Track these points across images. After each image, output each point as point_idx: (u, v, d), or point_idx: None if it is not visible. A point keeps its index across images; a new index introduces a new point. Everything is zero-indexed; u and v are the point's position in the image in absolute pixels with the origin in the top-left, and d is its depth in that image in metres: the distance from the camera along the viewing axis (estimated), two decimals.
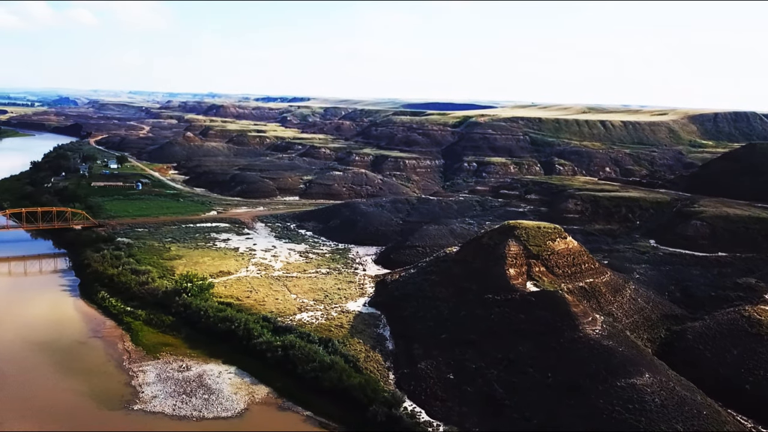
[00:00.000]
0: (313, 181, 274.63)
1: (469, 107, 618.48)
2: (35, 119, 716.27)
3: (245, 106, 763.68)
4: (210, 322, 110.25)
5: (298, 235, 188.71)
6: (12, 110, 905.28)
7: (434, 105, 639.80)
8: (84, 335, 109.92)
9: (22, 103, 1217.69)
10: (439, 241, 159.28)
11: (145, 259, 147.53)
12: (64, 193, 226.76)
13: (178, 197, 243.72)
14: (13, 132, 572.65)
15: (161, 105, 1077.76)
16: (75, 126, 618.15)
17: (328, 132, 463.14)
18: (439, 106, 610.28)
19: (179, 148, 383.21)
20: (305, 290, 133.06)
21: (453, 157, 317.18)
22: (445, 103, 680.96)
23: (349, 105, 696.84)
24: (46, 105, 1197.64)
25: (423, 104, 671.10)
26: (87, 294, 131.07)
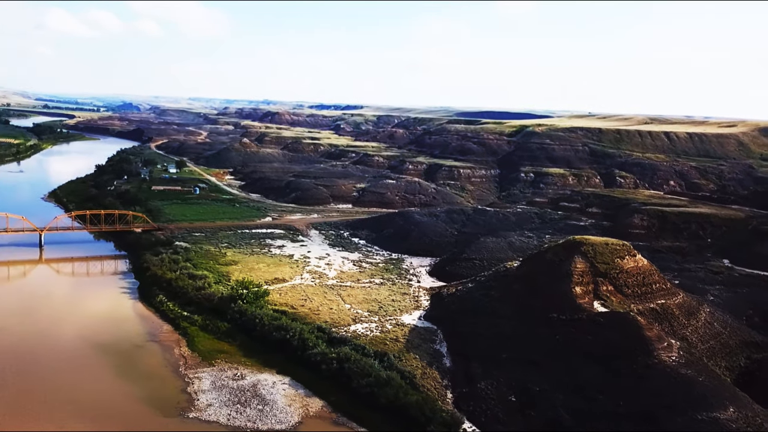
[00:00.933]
0: (366, 189, 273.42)
1: (525, 116, 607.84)
2: (101, 124, 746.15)
3: (299, 114, 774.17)
4: (265, 330, 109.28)
5: (351, 243, 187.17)
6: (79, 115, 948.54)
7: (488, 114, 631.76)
8: (142, 339, 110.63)
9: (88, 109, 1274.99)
10: (497, 255, 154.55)
11: (201, 264, 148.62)
12: (126, 196, 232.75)
13: (234, 203, 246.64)
14: (80, 136, 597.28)
15: (218, 111, 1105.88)
16: (137, 131, 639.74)
17: (381, 140, 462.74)
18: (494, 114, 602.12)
19: (236, 154, 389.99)
20: (359, 300, 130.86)
21: (509, 167, 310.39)
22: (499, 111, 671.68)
23: (402, 113, 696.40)
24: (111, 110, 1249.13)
25: (477, 113, 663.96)
26: (146, 297, 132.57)
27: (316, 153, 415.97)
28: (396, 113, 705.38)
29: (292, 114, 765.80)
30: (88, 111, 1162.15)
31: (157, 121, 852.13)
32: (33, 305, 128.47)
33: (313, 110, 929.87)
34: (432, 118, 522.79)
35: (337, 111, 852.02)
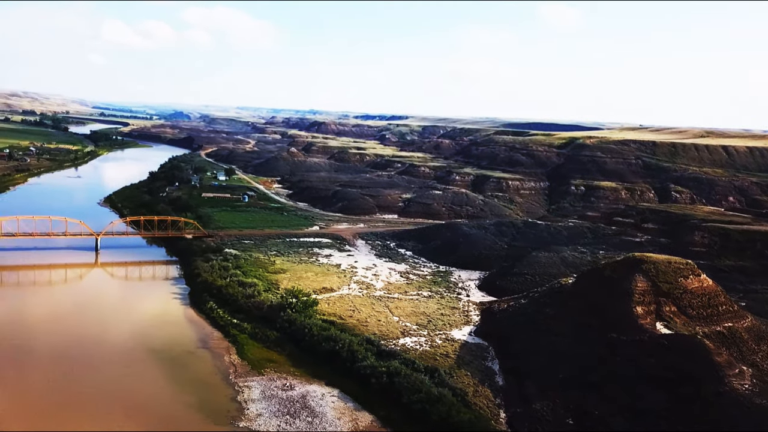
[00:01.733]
0: (412, 199, 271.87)
1: (573, 128, 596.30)
2: (153, 132, 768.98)
3: (345, 123, 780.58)
4: (314, 341, 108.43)
5: (398, 254, 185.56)
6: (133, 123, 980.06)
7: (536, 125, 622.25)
8: (193, 345, 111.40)
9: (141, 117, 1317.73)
10: (549, 270, 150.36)
11: (251, 272, 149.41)
12: (178, 203, 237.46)
13: (282, 211, 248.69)
14: (134, 143, 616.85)
15: (266, 120, 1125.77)
16: (188, 139, 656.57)
17: (426, 150, 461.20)
18: (541, 126, 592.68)
19: (283, 163, 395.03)
20: (407, 313, 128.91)
21: (559, 179, 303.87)
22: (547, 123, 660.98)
23: (448, 123, 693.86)
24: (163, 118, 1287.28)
25: (524, 124, 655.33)
26: (196, 303, 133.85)
27: (362, 163, 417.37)
28: (441, 123, 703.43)
29: (337, 124, 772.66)
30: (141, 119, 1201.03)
31: (207, 129, 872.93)
32: (89, 308, 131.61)
33: (358, 120, 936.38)
34: (478, 129, 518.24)
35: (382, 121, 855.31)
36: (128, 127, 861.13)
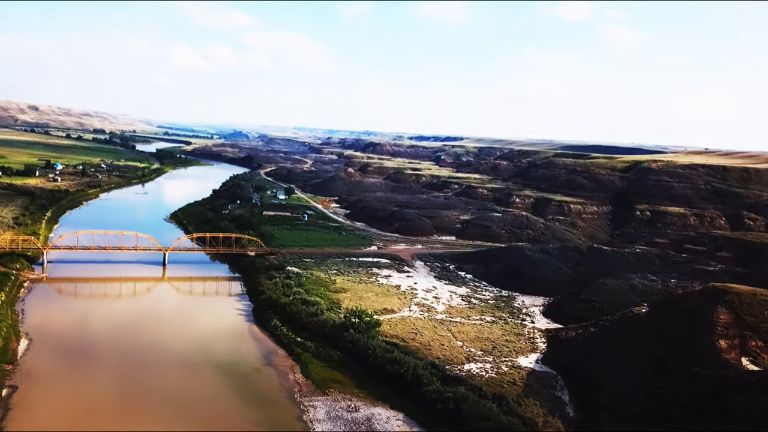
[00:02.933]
0: (470, 221, 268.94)
1: (635, 151, 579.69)
2: (214, 150, 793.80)
3: (400, 144, 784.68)
4: (378, 363, 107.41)
5: (458, 277, 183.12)
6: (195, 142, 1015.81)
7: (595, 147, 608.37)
8: (258, 362, 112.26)
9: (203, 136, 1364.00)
10: (617, 297, 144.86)
11: (313, 290, 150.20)
12: (240, 221, 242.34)
13: (341, 230, 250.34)
14: (196, 161, 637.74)
15: (322, 141, 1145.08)
16: (247, 158, 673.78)
17: (483, 172, 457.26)
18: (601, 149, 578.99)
19: (340, 183, 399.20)
20: (471, 338, 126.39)
21: (622, 203, 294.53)
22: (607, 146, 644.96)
23: (504, 145, 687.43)
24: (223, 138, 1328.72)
25: (583, 146, 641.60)
26: (260, 320, 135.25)
27: (418, 183, 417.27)
28: (497, 145, 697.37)
29: (392, 145, 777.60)
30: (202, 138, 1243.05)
31: (265, 149, 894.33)
32: (156, 320, 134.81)
33: (412, 141, 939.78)
34: (536, 151, 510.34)
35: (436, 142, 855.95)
36: (191, 146, 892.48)
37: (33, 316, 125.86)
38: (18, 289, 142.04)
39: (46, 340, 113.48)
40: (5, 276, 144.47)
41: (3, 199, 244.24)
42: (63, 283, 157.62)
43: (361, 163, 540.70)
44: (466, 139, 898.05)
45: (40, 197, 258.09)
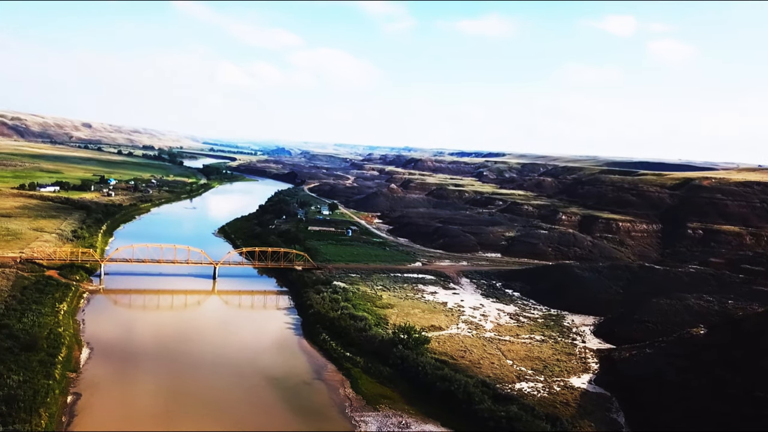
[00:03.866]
0: (516, 238, 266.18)
1: (684, 168, 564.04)
2: (259, 166, 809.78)
3: (441, 160, 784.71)
4: (428, 380, 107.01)
5: (505, 294, 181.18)
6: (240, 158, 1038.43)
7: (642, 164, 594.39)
8: (308, 376, 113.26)
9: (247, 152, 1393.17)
10: (672, 318, 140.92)
11: (360, 305, 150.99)
12: (287, 235, 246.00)
13: (384, 246, 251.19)
14: (241, 177, 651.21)
15: (363, 157, 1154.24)
16: (291, 174, 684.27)
17: (527, 188, 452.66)
18: (649, 165, 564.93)
19: (383, 199, 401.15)
20: (521, 357, 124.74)
21: (673, 222, 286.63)
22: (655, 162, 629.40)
23: (547, 161, 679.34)
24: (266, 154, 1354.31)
25: (629, 162, 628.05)
26: (309, 334, 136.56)
27: (461, 200, 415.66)
28: (540, 161, 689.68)
29: (434, 160, 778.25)
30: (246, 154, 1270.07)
31: (308, 165, 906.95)
32: (208, 333, 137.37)
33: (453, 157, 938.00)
34: (581, 167, 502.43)
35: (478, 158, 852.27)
36: (236, 162, 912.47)
37: (92, 326, 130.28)
38: (78, 300, 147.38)
39: (105, 350, 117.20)
40: (66, 287, 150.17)
41: (62, 213, 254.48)
42: (119, 294, 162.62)
43: (402, 178, 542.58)
44: (508, 155, 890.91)
45: (95, 211, 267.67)
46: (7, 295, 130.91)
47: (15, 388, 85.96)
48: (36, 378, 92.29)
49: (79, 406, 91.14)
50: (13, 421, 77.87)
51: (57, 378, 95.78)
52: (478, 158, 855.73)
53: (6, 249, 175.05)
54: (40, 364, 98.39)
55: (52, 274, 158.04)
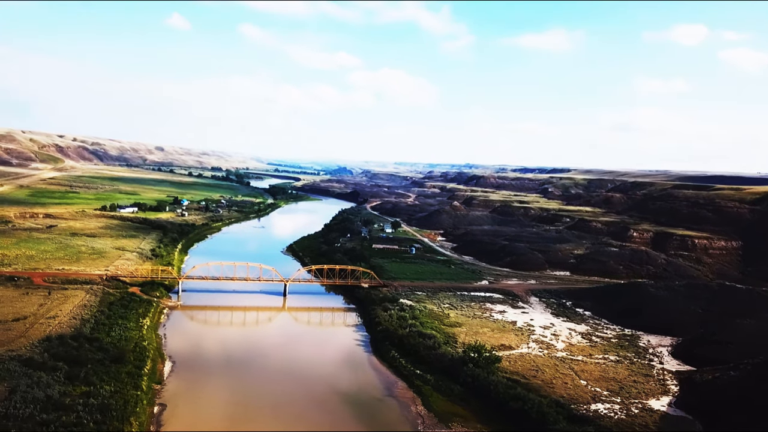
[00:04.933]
0: (585, 256, 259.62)
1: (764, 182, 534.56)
2: (322, 186, 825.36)
3: (504, 177, 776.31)
4: (500, 398, 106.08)
5: (576, 314, 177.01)
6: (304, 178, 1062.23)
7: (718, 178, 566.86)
8: (379, 392, 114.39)
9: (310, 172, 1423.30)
10: (758, 340, 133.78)
11: (427, 323, 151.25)
12: (352, 253, 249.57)
13: (449, 264, 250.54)
14: (306, 196, 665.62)
15: (424, 175, 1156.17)
16: (353, 193, 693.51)
17: (595, 204, 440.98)
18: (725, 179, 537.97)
19: (446, 216, 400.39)
20: (595, 377, 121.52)
21: (755, 238, 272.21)
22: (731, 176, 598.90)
23: (615, 176, 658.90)
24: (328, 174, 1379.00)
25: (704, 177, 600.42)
26: (378, 351, 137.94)
27: (526, 217, 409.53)
28: (607, 177, 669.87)
29: (496, 177, 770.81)
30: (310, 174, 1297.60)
31: (369, 184, 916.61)
32: (280, 348, 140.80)
33: (516, 173, 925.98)
34: (651, 182, 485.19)
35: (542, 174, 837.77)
36: (300, 181, 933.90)
37: (173, 341, 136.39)
38: (159, 315, 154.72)
39: (186, 363, 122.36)
40: (148, 303, 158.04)
41: (140, 233, 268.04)
42: (195, 310, 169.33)
43: (465, 196, 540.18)
44: (573, 171, 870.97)
45: (171, 231, 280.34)
46: (96, 310, 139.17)
47: (108, 398, 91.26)
48: (125, 389, 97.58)
49: (165, 416, 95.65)
50: (107, 428, 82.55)
51: (144, 389, 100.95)
52: (542, 174, 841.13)
53: (93, 267, 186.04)
54: (128, 375, 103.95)
55: (134, 290, 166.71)
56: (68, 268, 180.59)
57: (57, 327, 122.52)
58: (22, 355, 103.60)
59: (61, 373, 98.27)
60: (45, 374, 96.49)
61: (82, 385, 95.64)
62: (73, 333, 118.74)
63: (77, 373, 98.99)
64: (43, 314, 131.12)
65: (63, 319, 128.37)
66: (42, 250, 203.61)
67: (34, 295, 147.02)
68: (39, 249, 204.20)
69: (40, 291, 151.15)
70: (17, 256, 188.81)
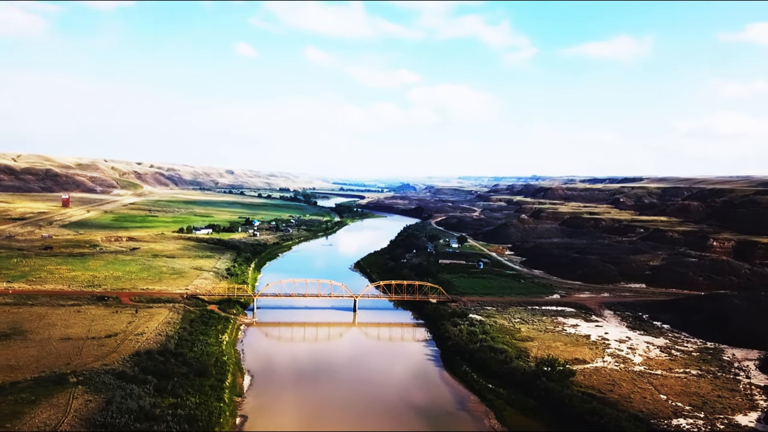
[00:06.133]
0: (661, 267, 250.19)
1: None
2: (386, 203, 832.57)
3: (573, 188, 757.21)
4: (575, 412, 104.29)
5: (653, 327, 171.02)
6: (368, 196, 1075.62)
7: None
8: (452, 406, 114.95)
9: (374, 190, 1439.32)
10: None
11: (498, 338, 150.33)
12: (419, 269, 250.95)
13: (518, 278, 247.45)
14: (371, 214, 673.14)
15: (489, 188, 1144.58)
16: (417, 209, 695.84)
17: (670, 214, 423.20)
18: None
19: (513, 230, 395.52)
20: (676, 392, 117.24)
21: None
22: None
23: (691, 184, 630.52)
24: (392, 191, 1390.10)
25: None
26: (449, 365, 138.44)
27: (597, 228, 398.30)
28: (683, 185, 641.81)
29: (564, 189, 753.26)
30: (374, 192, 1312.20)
31: (433, 199, 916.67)
32: (352, 363, 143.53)
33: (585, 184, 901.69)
34: (732, 189, 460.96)
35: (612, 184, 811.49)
36: (365, 199, 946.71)
37: (250, 356, 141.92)
38: (237, 332, 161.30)
39: (263, 377, 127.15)
40: (226, 320, 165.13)
41: (216, 253, 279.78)
42: (270, 327, 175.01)
43: (532, 208, 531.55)
44: (646, 180, 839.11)
45: (244, 250, 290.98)
46: (179, 327, 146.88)
47: (194, 409, 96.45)
48: (209, 401, 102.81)
49: (246, 427, 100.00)
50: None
51: (226, 401, 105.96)
52: (613, 184, 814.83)
53: (173, 286, 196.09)
54: (211, 388, 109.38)
55: (213, 308, 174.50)
56: (152, 287, 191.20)
57: (145, 343, 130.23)
58: (116, 369, 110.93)
59: (150, 385, 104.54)
60: (136, 386, 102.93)
61: (169, 396, 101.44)
62: (159, 348, 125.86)
63: (165, 385, 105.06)
64: (132, 331, 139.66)
65: (150, 336, 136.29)
66: (127, 271, 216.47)
67: (123, 313, 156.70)
68: (125, 270, 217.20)
69: (128, 309, 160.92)
70: (106, 277, 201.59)
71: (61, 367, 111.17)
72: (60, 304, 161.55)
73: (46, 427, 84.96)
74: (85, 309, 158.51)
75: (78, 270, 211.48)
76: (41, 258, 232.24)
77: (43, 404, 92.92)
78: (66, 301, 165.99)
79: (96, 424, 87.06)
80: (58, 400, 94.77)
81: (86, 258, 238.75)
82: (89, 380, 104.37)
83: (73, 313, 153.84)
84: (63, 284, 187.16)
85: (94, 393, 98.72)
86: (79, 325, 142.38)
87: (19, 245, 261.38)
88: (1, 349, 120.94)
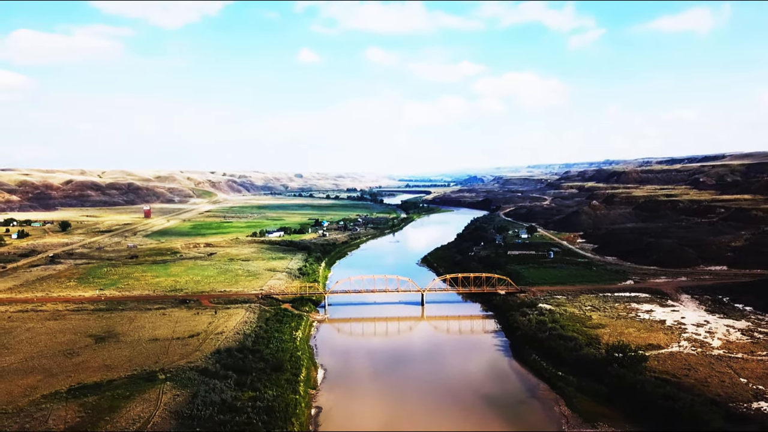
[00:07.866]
0: (744, 248, 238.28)
1: None
2: (453, 197, 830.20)
3: (648, 171, 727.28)
4: (648, 398, 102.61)
5: (734, 309, 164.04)
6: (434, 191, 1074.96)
7: None
8: (522, 394, 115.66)
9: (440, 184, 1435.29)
10: None
11: (568, 326, 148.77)
12: (487, 261, 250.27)
13: (590, 266, 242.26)
14: (437, 209, 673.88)
15: (559, 176, 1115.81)
16: (485, 201, 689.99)
17: (755, 191, 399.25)
18: None
19: (585, 217, 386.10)
20: (758, 375, 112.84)
21: None
22: None
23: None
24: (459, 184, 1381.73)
25: None
26: (519, 355, 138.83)
27: (674, 211, 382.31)
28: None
29: (639, 171, 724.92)
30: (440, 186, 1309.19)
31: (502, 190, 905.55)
32: (423, 355, 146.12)
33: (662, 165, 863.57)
34: None
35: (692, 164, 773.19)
36: (431, 195, 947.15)
37: (323, 351, 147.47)
38: (309, 328, 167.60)
39: (336, 371, 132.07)
40: (299, 317, 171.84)
41: (288, 254, 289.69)
42: (341, 323, 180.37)
43: (605, 194, 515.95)
44: (729, 156, 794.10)
45: (314, 250, 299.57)
46: (255, 325, 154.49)
47: (272, 401, 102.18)
48: (285, 393, 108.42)
49: (321, 417, 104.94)
50: (273, 427, 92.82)
51: (302, 394, 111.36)
52: (692, 164, 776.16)
53: (249, 287, 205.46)
54: (287, 382, 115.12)
55: (286, 306, 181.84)
56: (229, 289, 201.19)
57: (224, 341, 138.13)
58: (199, 366, 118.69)
59: (231, 380, 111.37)
60: (218, 381, 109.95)
61: (249, 390, 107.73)
62: (238, 346, 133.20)
63: (244, 380, 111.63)
64: (212, 330, 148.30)
65: (229, 334, 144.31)
66: (206, 275, 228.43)
67: (204, 314, 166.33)
68: (203, 274, 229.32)
69: (208, 311, 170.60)
70: (186, 282, 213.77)
71: (151, 365, 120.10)
72: (147, 308, 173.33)
73: (141, 420, 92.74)
74: (170, 312, 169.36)
75: (161, 276, 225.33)
76: (128, 266, 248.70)
77: (137, 399, 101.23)
78: (152, 305, 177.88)
79: (184, 416, 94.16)
80: (149, 395, 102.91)
81: (168, 264, 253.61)
82: (176, 377, 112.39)
83: (159, 315, 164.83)
84: (149, 290, 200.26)
85: (180, 388, 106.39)
86: (164, 326, 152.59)
87: (108, 255, 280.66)
88: (98, 350, 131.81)
